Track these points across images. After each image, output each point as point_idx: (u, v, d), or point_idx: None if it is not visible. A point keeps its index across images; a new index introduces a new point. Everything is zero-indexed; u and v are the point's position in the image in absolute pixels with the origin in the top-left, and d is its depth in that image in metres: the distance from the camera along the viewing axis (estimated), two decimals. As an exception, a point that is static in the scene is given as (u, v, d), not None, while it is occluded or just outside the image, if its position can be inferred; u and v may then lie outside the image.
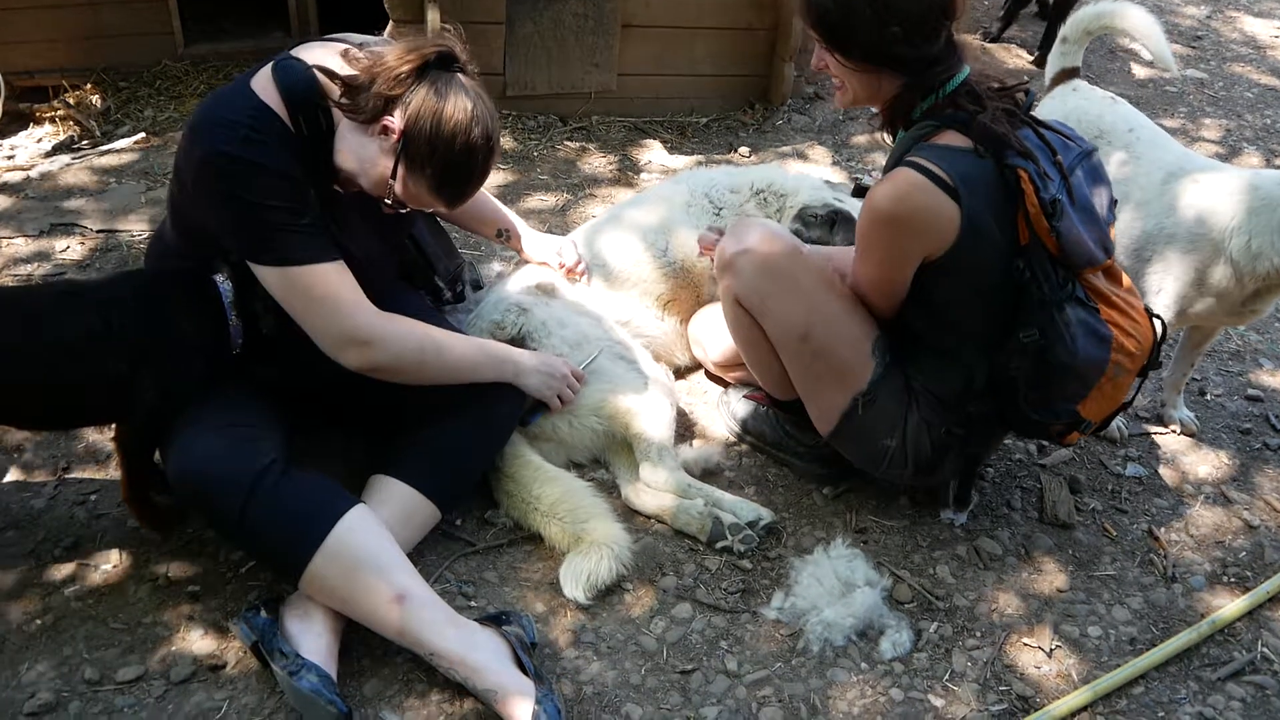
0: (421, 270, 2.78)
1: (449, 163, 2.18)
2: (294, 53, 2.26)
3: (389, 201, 2.25)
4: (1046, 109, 3.28)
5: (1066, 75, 3.38)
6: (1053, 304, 2.24)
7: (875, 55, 2.22)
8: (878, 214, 2.26)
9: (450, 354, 2.43)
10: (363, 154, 2.21)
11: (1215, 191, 2.77)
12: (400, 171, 2.19)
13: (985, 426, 2.47)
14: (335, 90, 2.17)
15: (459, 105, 2.14)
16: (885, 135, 2.40)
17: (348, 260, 2.29)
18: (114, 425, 2.39)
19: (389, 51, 2.18)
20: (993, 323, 2.33)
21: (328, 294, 2.21)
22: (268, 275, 2.19)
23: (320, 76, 2.18)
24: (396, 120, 2.14)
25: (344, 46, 2.24)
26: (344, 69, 2.18)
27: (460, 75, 2.19)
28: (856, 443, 2.58)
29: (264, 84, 2.18)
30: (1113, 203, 2.42)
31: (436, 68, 2.15)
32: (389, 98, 2.13)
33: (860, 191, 2.37)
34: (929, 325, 2.42)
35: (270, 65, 2.21)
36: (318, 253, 2.20)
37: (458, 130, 2.14)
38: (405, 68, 2.13)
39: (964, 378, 2.41)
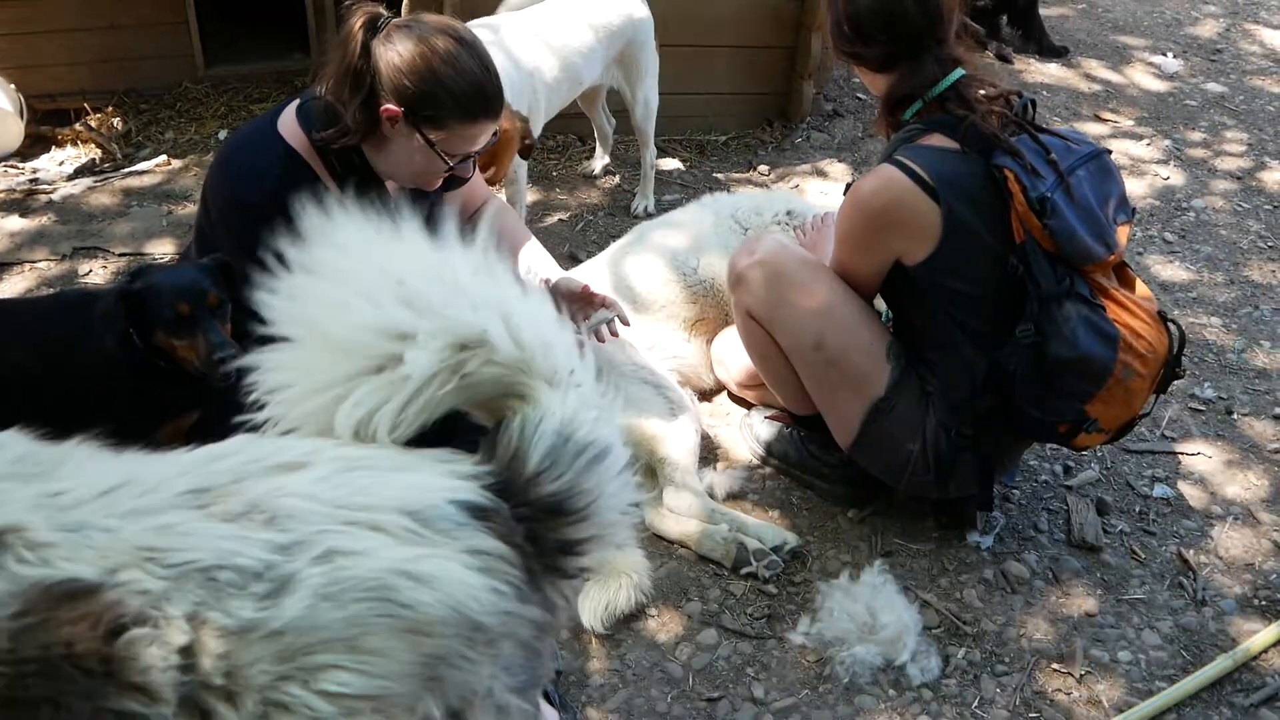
0: None
1: (453, 89, 2.10)
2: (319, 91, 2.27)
3: (451, 166, 2.19)
4: None
5: None
6: (1050, 300, 2.26)
7: (842, 52, 2.41)
8: (856, 203, 2.37)
9: None
10: (400, 157, 2.20)
11: None
12: (430, 135, 2.14)
13: (993, 425, 2.44)
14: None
15: (415, 42, 2.08)
16: (883, 135, 2.49)
17: None
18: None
19: (326, 68, 2.17)
20: (994, 321, 2.35)
21: None
22: None
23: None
24: (390, 104, 2.11)
25: None
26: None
27: (392, 22, 2.11)
28: (878, 451, 2.56)
29: (291, 129, 2.20)
30: (1124, 202, 2.43)
31: (370, 33, 2.09)
32: (365, 96, 2.11)
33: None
34: (932, 324, 2.43)
35: (294, 108, 2.22)
36: None
37: (433, 59, 2.07)
38: (348, 62, 2.09)
39: (968, 377, 2.40)
